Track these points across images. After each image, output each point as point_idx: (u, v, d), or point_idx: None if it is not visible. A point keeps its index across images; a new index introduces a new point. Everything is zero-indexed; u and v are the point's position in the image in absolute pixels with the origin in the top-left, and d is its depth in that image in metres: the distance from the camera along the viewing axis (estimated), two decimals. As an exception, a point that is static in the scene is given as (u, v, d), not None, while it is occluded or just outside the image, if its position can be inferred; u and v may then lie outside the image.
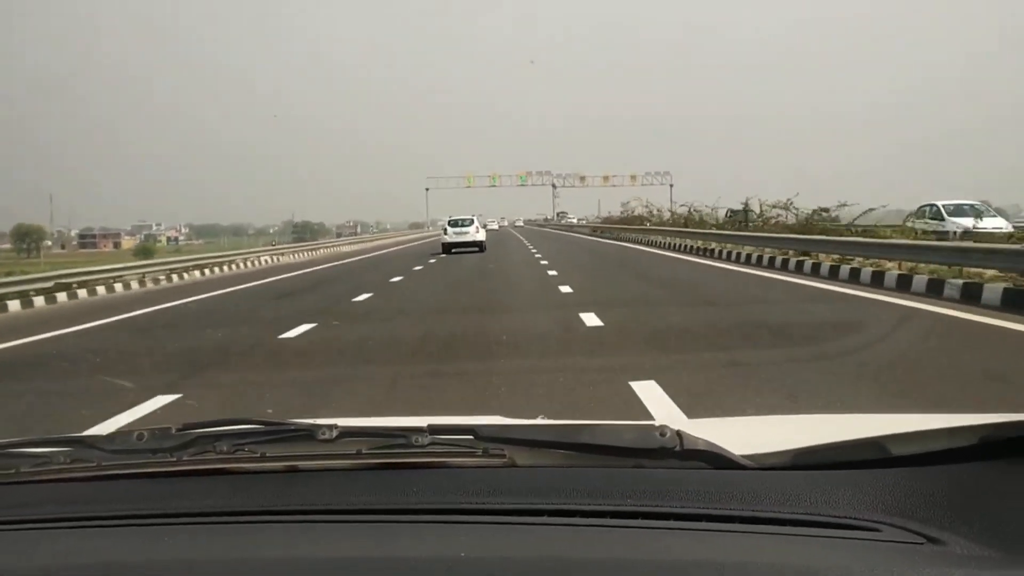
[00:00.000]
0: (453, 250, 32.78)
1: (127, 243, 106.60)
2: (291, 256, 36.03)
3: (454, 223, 34.90)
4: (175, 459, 1.27)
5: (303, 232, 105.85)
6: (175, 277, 23.94)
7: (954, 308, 10.15)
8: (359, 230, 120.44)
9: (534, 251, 32.32)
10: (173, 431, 1.32)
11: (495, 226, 44.83)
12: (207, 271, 26.64)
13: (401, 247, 47.75)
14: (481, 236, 34.43)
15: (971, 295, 10.93)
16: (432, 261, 27.65)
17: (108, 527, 1.19)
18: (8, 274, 20.82)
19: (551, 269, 20.40)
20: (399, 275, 20.75)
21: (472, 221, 34.91)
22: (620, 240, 41.91)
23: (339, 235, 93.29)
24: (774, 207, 25.53)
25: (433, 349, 8.54)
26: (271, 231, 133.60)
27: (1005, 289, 10.51)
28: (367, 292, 15.49)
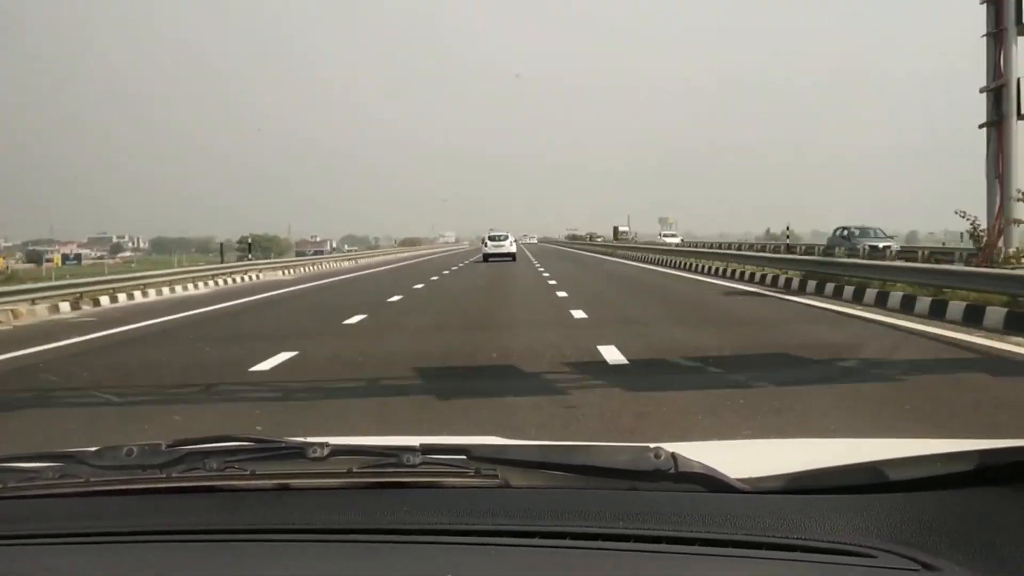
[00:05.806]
0: (490, 259, 40.33)
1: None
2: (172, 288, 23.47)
3: (493, 238, 43.55)
4: (164, 475, 1.26)
5: (248, 249, 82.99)
6: None
7: None
8: (329, 247, 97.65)
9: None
10: (163, 447, 1.31)
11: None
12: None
13: (361, 273, 34.63)
14: (513, 249, 43.08)
15: None
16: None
17: (95, 543, 1.18)
18: None
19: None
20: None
21: (507, 236, 43.63)
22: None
23: (300, 253, 68.39)
24: None
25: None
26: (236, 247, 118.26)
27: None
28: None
